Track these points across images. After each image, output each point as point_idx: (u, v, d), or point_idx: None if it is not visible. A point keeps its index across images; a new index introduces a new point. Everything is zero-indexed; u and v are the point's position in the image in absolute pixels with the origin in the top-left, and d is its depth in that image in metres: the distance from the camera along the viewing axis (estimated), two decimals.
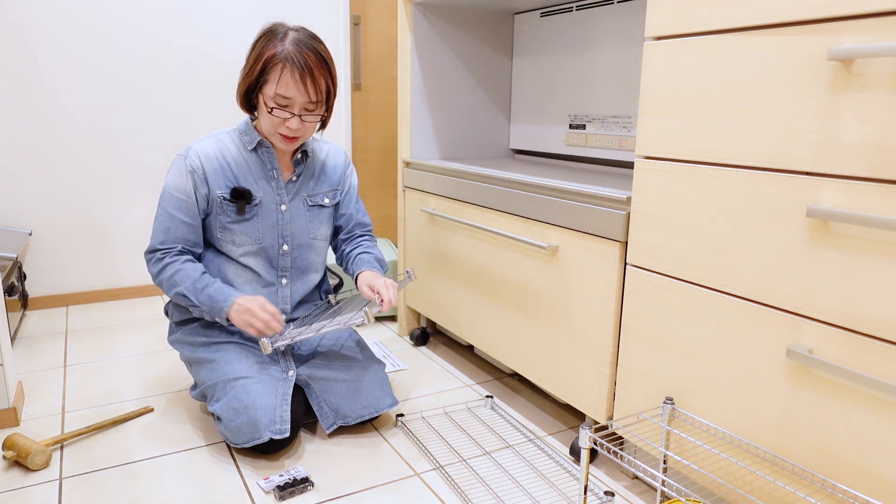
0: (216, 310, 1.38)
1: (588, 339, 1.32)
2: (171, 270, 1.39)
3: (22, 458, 1.30)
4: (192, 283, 1.38)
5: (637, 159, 1.16)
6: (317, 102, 1.37)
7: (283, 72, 1.32)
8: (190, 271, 1.39)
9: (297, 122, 1.36)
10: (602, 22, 1.71)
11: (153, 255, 1.42)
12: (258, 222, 1.45)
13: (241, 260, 1.46)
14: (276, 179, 1.47)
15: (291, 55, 1.32)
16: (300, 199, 1.50)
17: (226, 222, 1.43)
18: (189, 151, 1.42)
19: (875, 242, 0.83)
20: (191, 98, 2.47)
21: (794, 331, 0.94)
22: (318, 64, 1.35)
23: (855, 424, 0.88)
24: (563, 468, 1.35)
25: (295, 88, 1.33)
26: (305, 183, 1.52)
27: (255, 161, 1.46)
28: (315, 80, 1.34)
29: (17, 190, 2.26)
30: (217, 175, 1.42)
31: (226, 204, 1.42)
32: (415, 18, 1.89)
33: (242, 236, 1.44)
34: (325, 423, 1.43)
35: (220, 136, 1.46)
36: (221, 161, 1.43)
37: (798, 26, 0.89)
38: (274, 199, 1.47)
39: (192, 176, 1.40)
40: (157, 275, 1.41)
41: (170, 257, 1.41)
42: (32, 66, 2.21)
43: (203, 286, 1.38)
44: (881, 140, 0.81)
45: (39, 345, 2.00)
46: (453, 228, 1.75)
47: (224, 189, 1.42)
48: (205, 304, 1.38)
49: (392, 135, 2.98)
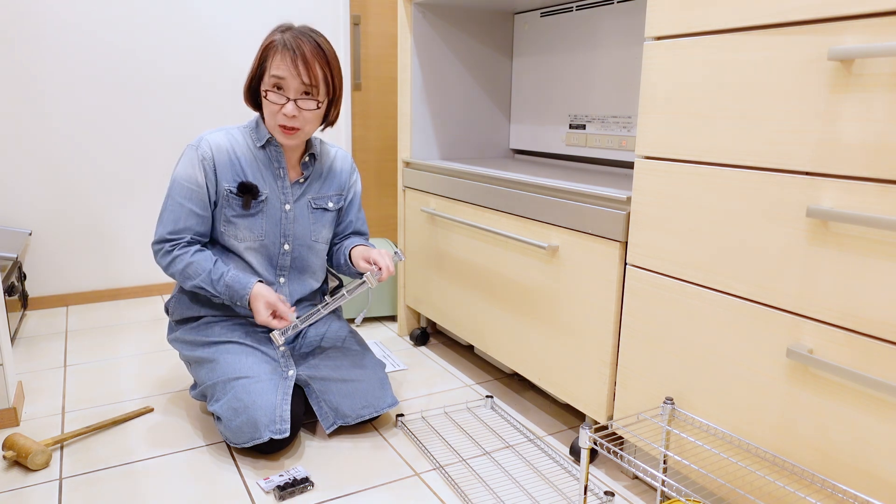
0: (237, 297, 1.40)
1: (588, 339, 1.32)
2: (183, 263, 1.40)
3: (22, 458, 1.30)
4: (208, 275, 1.39)
5: (637, 159, 1.16)
6: (311, 86, 1.37)
7: (276, 55, 1.35)
8: (203, 262, 1.40)
9: (292, 107, 1.36)
10: (602, 22, 1.71)
11: (161, 247, 1.42)
12: (262, 219, 1.46)
13: (243, 254, 1.46)
14: (283, 179, 1.48)
15: (286, 40, 1.35)
16: (305, 201, 1.51)
17: (230, 216, 1.44)
18: (201, 142, 1.42)
19: (875, 242, 0.83)
20: (191, 98, 2.47)
21: (794, 331, 0.94)
22: (314, 50, 1.36)
23: (855, 424, 0.88)
24: (563, 468, 1.35)
25: (286, 69, 1.34)
26: (312, 185, 1.53)
27: (263, 158, 1.46)
28: (308, 63, 1.35)
29: (17, 190, 2.26)
30: (226, 168, 1.43)
31: (232, 197, 1.43)
32: (415, 18, 1.89)
33: (245, 231, 1.45)
34: (325, 422, 1.43)
35: (231, 130, 1.47)
36: (231, 154, 1.44)
37: (798, 26, 0.89)
38: (279, 197, 1.47)
39: (202, 165, 1.41)
40: (167, 266, 1.42)
41: (179, 249, 1.41)
42: (32, 66, 2.21)
43: (219, 276, 1.39)
44: (881, 140, 0.81)
45: (39, 345, 2.00)
46: (453, 228, 1.75)
47: (232, 182, 1.43)
48: (224, 293, 1.40)
49: (392, 135, 2.98)
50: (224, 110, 2.53)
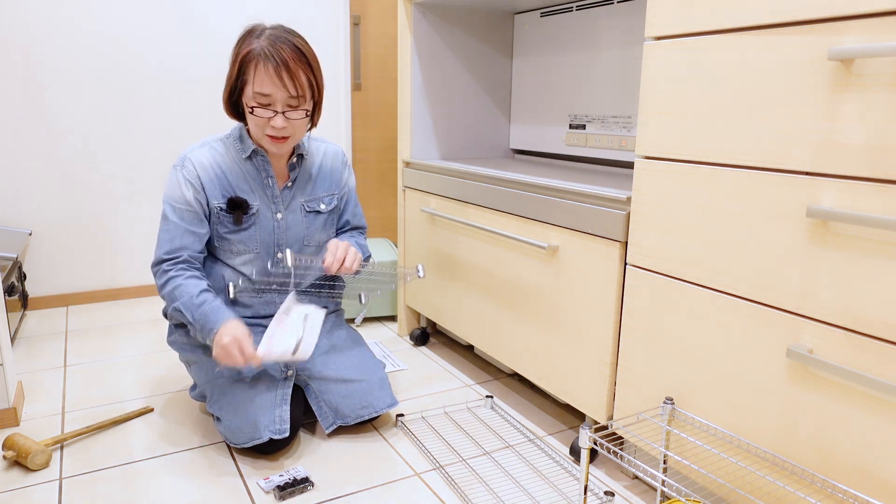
0: (205, 331, 1.31)
1: (588, 339, 1.32)
2: (173, 285, 1.35)
3: (22, 458, 1.30)
4: (190, 299, 1.32)
5: (637, 159, 1.16)
6: (298, 97, 1.32)
7: (258, 68, 1.28)
8: (190, 287, 1.34)
9: (281, 119, 1.31)
10: (602, 22, 1.71)
11: (158, 268, 1.38)
12: (255, 232, 1.43)
13: (238, 268, 1.45)
14: (272, 188, 1.44)
15: (265, 49, 1.28)
16: (296, 205, 1.48)
17: (223, 232, 1.42)
18: (185, 161, 1.39)
19: (875, 242, 0.83)
20: (191, 98, 2.46)
21: (794, 331, 0.94)
22: (295, 56, 1.29)
23: (855, 424, 0.88)
24: (563, 468, 1.35)
25: (271, 84, 1.28)
26: (301, 187, 1.49)
27: (250, 169, 1.43)
28: (292, 72, 1.29)
29: (17, 190, 2.26)
30: (213, 185, 1.39)
31: (222, 215, 1.40)
32: (415, 18, 1.89)
33: (239, 245, 1.43)
34: (324, 423, 1.43)
35: (214, 145, 1.43)
36: (217, 170, 1.40)
37: (798, 26, 0.89)
38: (270, 207, 1.44)
39: (190, 184, 1.37)
40: (161, 287, 1.38)
41: (175, 270, 1.36)
42: (33, 67, 2.21)
43: (200, 303, 1.32)
44: (881, 140, 0.81)
45: (39, 345, 2.00)
46: (453, 228, 1.75)
47: (220, 199, 1.39)
48: (198, 321, 1.32)
49: (392, 135, 2.98)
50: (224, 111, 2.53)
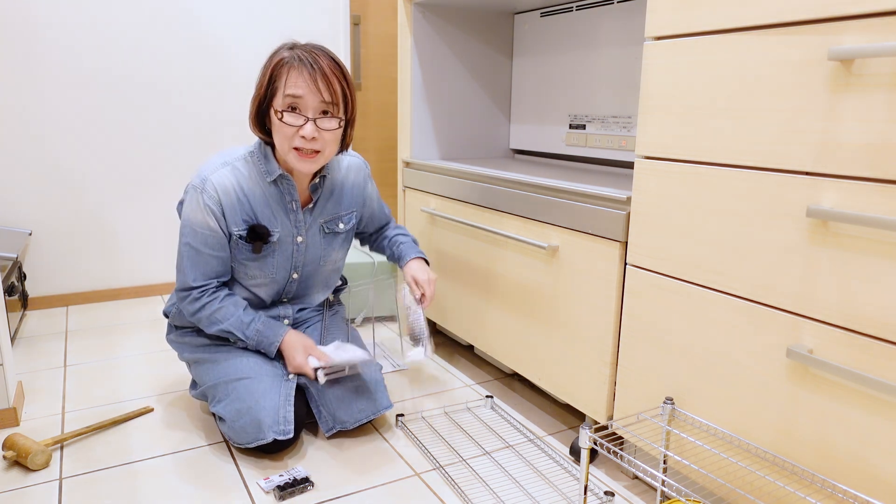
0: (265, 345, 1.40)
1: (588, 339, 1.32)
2: (211, 309, 1.37)
3: (22, 458, 1.30)
4: (237, 320, 1.38)
5: (637, 159, 1.16)
6: (331, 104, 1.27)
7: (291, 73, 1.25)
8: (231, 307, 1.38)
9: (311, 127, 1.26)
10: (602, 22, 1.71)
11: (189, 294, 1.37)
12: (273, 258, 1.41)
13: (251, 289, 1.45)
14: (295, 212, 1.41)
15: (299, 55, 1.26)
16: (317, 227, 1.46)
17: (241, 258, 1.39)
18: (206, 185, 1.33)
19: (875, 242, 0.83)
20: (191, 99, 2.47)
21: (794, 331, 0.94)
22: (331, 65, 1.27)
23: (855, 424, 0.88)
24: (563, 468, 1.35)
25: (305, 86, 1.24)
26: (323, 206, 1.46)
27: (273, 193, 1.38)
28: (327, 78, 1.26)
29: (17, 190, 2.26)
30: (234, 211, 1.34)
31: (241, 243, 1.37)
32: (415, 18, 1.89)
33: (256, 271, 1.41)
34: (324, 427, 1.43)
35: (237, 164, 1.37)
36: (239, 194, 1.35)
37: (798, 26, 0.89)
38: (291, 231, 1.42)
39: (210, 210, 1.33)
40: (194, 312, 1.38)
41: (207, 296, 1.37)
42: (33, 66, 2.21)
43: (249, 321, 1.39)
44: (881, 140, 0.81)
45: (39, 345, 2.00)
46: (453, 228, 1.75)
47: (241, 225, 1.36)
48: (252, 338, 1.40)
49: (392, 135, 2.98)
50: (223, 110, 2.53)
